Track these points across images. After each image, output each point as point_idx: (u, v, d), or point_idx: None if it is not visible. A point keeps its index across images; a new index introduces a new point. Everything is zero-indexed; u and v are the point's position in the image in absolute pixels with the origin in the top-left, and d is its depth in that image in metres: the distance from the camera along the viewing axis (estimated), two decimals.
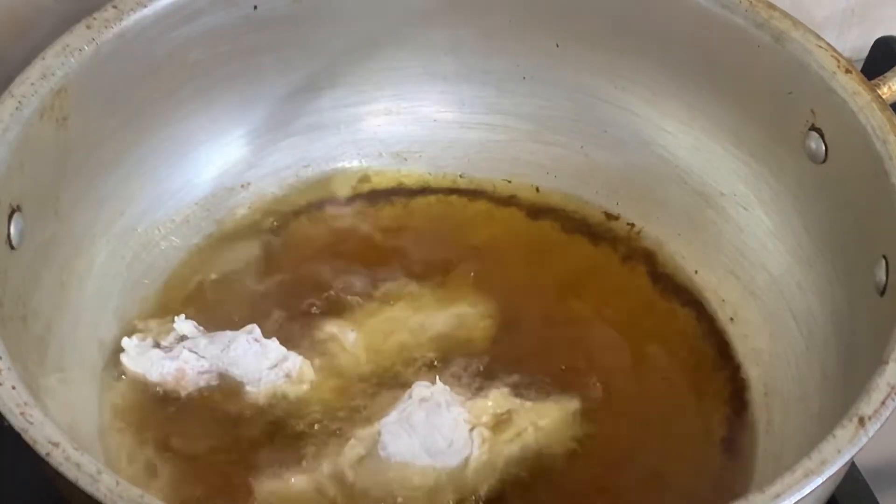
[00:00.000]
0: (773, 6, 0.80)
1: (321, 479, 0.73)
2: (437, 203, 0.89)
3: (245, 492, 0.72)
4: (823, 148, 0.78)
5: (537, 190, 0.90)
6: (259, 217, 0.87)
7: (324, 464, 0.73)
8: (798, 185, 0.81)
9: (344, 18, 0.86)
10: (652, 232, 0.87)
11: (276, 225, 0.87)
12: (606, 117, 0.88)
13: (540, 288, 0.84)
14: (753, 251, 0.84)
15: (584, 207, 0.89)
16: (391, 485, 0.73)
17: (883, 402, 0.63)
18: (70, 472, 0.58)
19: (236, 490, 0.72)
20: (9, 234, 0.69)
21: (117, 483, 0.58)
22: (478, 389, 0.77)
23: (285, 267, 0.84)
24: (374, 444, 0.73)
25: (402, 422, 0.74)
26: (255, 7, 0.82)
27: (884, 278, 0.71)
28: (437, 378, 0.76)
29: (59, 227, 0.75)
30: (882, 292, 0.71)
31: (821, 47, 0.77)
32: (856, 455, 0.62)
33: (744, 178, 0.84)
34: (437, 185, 0.90)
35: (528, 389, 0.78)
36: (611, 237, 0.88)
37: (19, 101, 0.72)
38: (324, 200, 0.88)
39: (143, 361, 0.77)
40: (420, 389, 0.75)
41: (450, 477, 0.73)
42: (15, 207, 0.70)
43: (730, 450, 0.77)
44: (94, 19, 0.76)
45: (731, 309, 0.84)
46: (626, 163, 0.88)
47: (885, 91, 0.77)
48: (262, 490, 0.72)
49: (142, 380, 0.77)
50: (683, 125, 0.86)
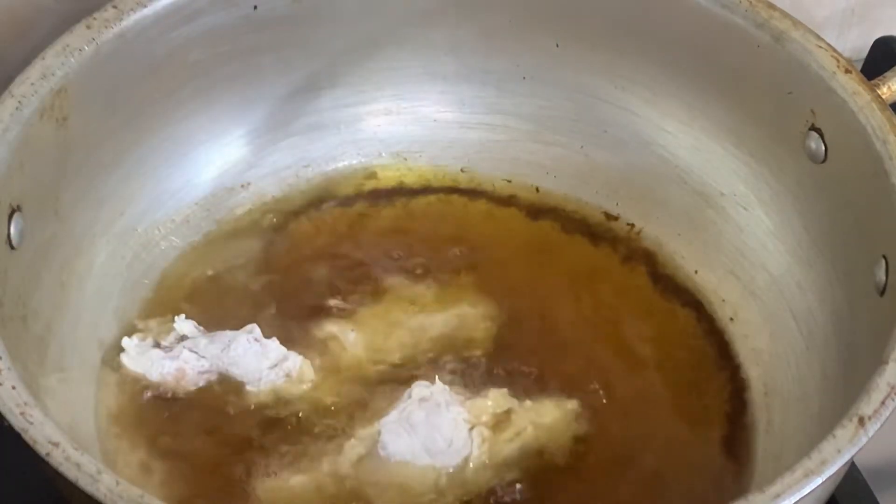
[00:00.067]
0: (773, 6, 0.80)
1: (321, 479, 0.73)
2: (437, 203, 0.89)
3: (245, 491, 0.72)
4: (823, 148, 0.78)
5: (537, 190, 0.90)
6: (259, 217, 0.87)
7: (324, 463, 0.73)
8: (798, 185, 0.81)
9: (344, 18, 0.86)
10: (652, 232, 0.87)
11: (276, 225, 0.87)
12: (606, 117, 0.88)
13: (540, 288, 0.84)
14: (753, 251, 0.84)
15: (584, 207, 0.89)
16: (391, 484, 0.73)
17: (883, 402, 0.63)
18: (70, 472, 0.58)
19: (236, 489, 0.72)
20: (9, 234, 0.69)
21: (117, 483, 0.58)
22: (477, 389, 0.77)
23: (285, 266, 0.84)
24: (374, 444, 0.74)
25: (401, 421, 0.74)
26: (255, 7, 0.82)
27: (884, 278, 0.71)
28: (436, 378, 0.76)
29: (59, 227, 0.75)
30: (882, 292, 0.71)
31: (821, 47, 0.77)
32: (856, 455, 0.62)
33: (744, 178, 0.84)
34: (438, 184, 0.90)
35: (528, 389, 0.78)
36: (611, 237, 0.88)
37: (19, 101, 0.72)
38: (324, 200, 0.88)
39: (144, 361, 0.77)
40: (420, 389, 0.75)
41: (450, 476, 0.73)
42: (15, 207, 0.70)
43: (730, 450, 0.77)
44: (94, 19, 0.76)
45: (731, 309, 0.84)
46: (626, 163, 0.88)
47: (884, 91, 0.77)
48: (263, 490, 0.72)
49: (142, 379, 0.77)
50: (683, 125, 0.86)
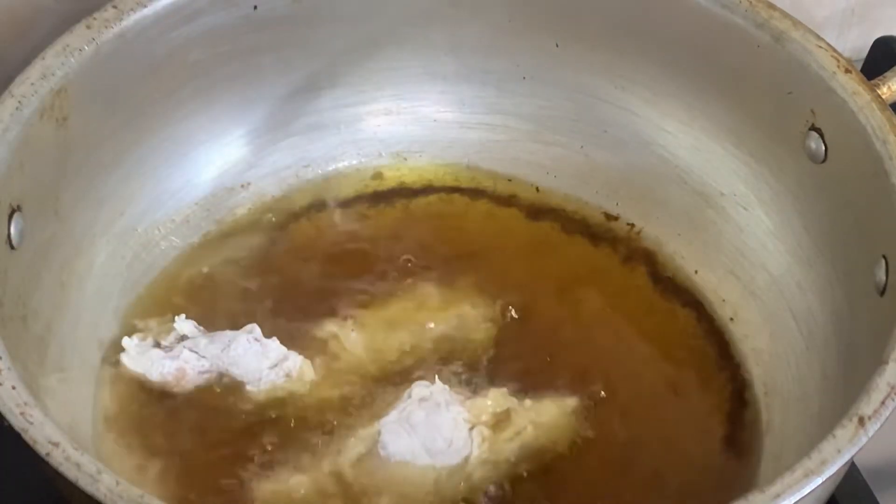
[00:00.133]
0: (773, 6, 0.80)
1: (321, 479, 0.73)
2: (438, 203, 0.89)
3: (246, 491, 0.72)
4: (823, 148, 0.78)
5: (537, 190, 0.90)
6: (259, 217, 0.87)
7: (324, 463, 0.73)
8: (798, 185, 0.81)
9: (344, 18, 0.86)
10: (652, 232, 0.87)
11: (276, 225, 0.87)
12: (606, 117, 0.88)
13: (540, 288, 0.84)
14: (753, 251, 0.84)
15: (584, 208, 0.89)
16: (391, 484, 0.73)
17: (883, 402, 0.63)
18: (70, 472, 0.58)
19: (237, 489, 0.72)
20: (9, 234, 0.69)
21: (117, 483, 0.58)
22: (477, 389, 0.77)
23: (286, 266, 0.84)
24: (375, 444, 0.74)
25: (401, 421, 0.74)
26: (255, 7, 0.82)
27: (884, 278, 0.71)
28: (436, 377, 0.76)
29: (59, 227, 0.75)
30: (882, 292, 0.71)
31: (821, 47, 0.78)
32: (856, 455, 0.62)
33: (744, 178, 0.84)
34: (439, 184, 0.90)
35: (528, 389, 0.78)
36: (611, 237, 0.88)
37: (19, 101, 0.72)
38: (324, 200, 0.88)
39: (144, 361, 0.77)
40: (419, 389, 0.75)
41: (450, 476, 0.73)
42: (15, 207, 0.70)
43: (730, 450, 0.77)
44: (94, 19, 0.76)
45: (731, 309, 0.84)
46: (626, 163, 0.88)
47: (884, 91, 0.78)
48: (263, 489, 0.72)
49: (142, 379, 0.77)
50: (683, 125, 0.86)
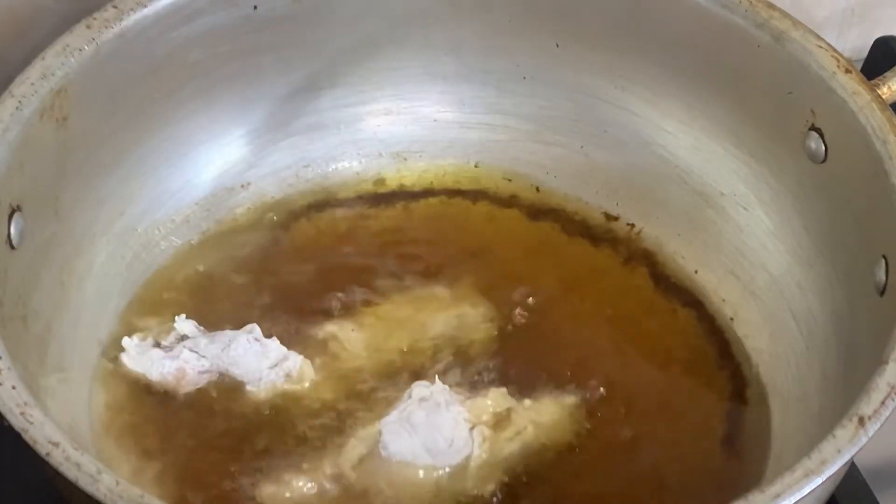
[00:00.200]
0: (773, 6, 0.80)
1: (322, 479, 0.73)
2: (438, 204, 0.89)
3: (246, 491, 0.72)
4: (823, 148, 0.78)
5: (537, 190, 0.90)
6: (259, 217, 0.87)
7: (325, 464, 0.73)
8: (798, 185, 0.81)
9: (344, 18, 0.86)
10: (652, 232, 0.87)
11: (277, 225, 0.87)
12: (606, 117, 0.88)
13: (541, 288, 0.84)
14: (753, 251, 0.84)
15: (585, 208, 0.89)
16: (393, 485, 0.73)
17: (883, 402, 0.63)
18: (70, 472, 0.58)
19: (237, 490, 0.72)
20: (9, 234, 0.69)
21: (117, 483, 0.58)
22: (477, 389, 0.77)
23: (286, 266, 0.84)
24: (375, 444, 0.74)
25: (402, 421, 0.74)
26: (255, 7, 0.82)
27: (884, 278, 0.71)
28: (436, 378, 0.76)
29: (59, 227, 0.75)
30: (882, 292, 0.71)
31: (821, 47, 0.77)
32: (856, 455, 0.62)
33: (744, 178, 0.84)
34: (439, 186, 0.90)
35: (528, 389, 0.78)
36: (611, 238, 0.88)
37: (19, 101, 0.72)
38: (324, 201, 0.88)
39: (144, 361, 0.77)
40: (420, 389, 0.75)
41: (451, 476, 0.73)
42: (15, 207, 0.70)
43: (730, 450, 0.77)
44: (94, 19, 0.76)
45: (731, 309, 0.84)
46: (626, 163, 0.88)
47: (884, 91, 0.77)
48: (263, 490, 0.72)
49: (142, 379, 0.77)
50: (683, 125, 0.86)
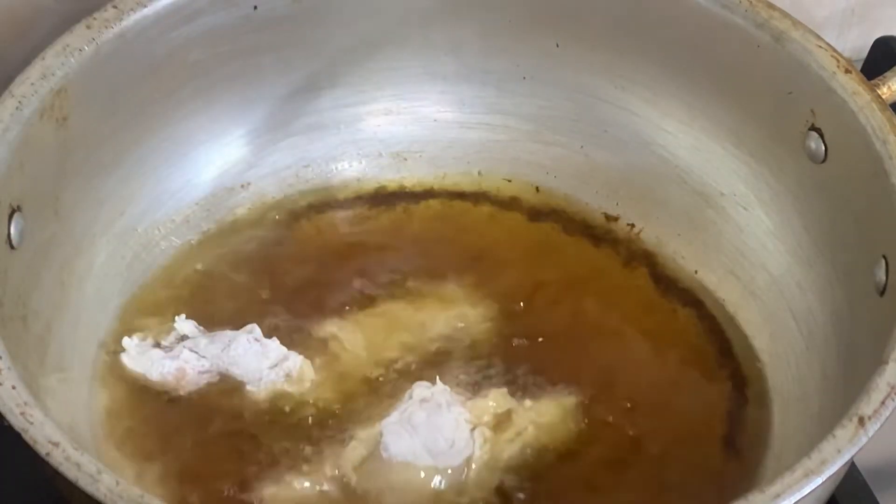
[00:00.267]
0: (773, 6, 0.80)
1: (323, 480, 0.73)
2: (439, 206, 0.89)
3: (246, 492, 0.72)
4: (823, 148, 0.78)
5: (537, 190, 0.90)
6: (259, 217, 0.87)
7: (326, 465, 0.73)
8: (798, 185, 0.81)
9: (344, 18, 0.86)
10: (652, 232, 0.87)
11: (277, 225, 0.87)
12: (606, 117, 0.88)
13: (541, 289, 0.84)
14: (753, 251, 0.84)
15: (585, 208, 0.89)
16: (393, 486, 0.73)
17: (883, 402, 0.63)
18: (70, 472, 0.58)
19: (237, 491, 0.72)
20: (9, 234, 0.69)
21: (117, 483, 0.58)
22: (478, 389, 0.77)
23: (286, 266, 0.84)
24: (376, 445, 0.73)
25: (403, 422, 0.74)
26: (255, 7, 0.82)
27: (884, 278, 0.71)
28: (437, 378, 0.76)
29: (59, 227, 0.75)
30: (882, 292, 0.71)
31: (821, 47, 0.77)
32: (856, 455, 0.62)
33: (744, 178, 0.84)
34: (440, 187, 0.90)
35: (529, 389, 0.78)
36: (611, 238, 0.87)
37: (19, 101, 0.72)
38: (325, 201, 0.88)
39: (144, 361, 0.77)
40: (420, 390, 0.75)
41: (452, 477, 0.73)
42: (15, 207, 0.70)
43: (730, 449, 0.77)
44: (94, 19, 0.76)
45: (732, 309, 0.83)
46: (626, 163, 0.88)
47: (884, 91, 0.77)
48: (264, 491, 0.72)
49: (142, 379, 0.77)
50: (683, 125, 0.86)
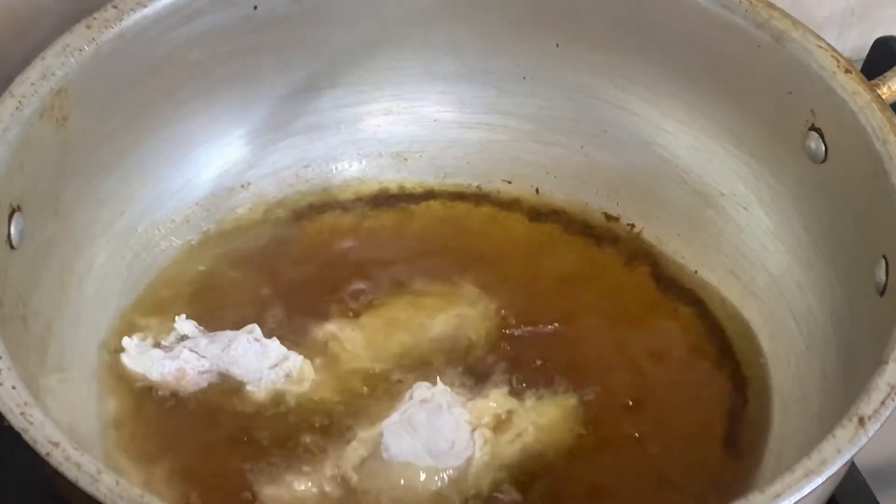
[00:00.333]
0: (773, 6, 0.80)
1: (323, 481, 0.73)
2: (439, 207, 0.89)
3: (246, 492, 0.72)
4: (823, 148, 0.78)
5: (537, 191, 0.90)
6: (259, 217, 0.87)
7: (326, 465, 0.73)
8: (798, 185, 0.81)
9: (344, 18, 0.86)
10: (652, 232, 0.87)
11: (277, 225, 0.87)
12: (606, 117, 0.88)
13: (541, 288, 0.84)
14: (753, 251, 0.84)
15: (585, 208, 0.89)
16: (394, 486, 0.73)
17: (883, 402, 0.63)
18: (70, 472, 0.58)
19: (237, 491, 0.72)
20: (9, 234, 0.69)
21: (117, 483, 0.58)
22: (478, 390, 0.77)
23: (286, 266, 0.84)
24: (377, 446, 0.73)
25: (403, 423, 0.74)
26: (255, 7, 0.82)
27: (884, 278, 0.71)
28: (437, 379, 0.76)
29: (59, 227, 0.75)
30: (882, 292, 0.71)
31: (821, 47, 0.78)
32: (856, 455, 0.62)
33: (744, 178, 0.84)
34: (440, 188, 0.90)
35: (529, 390, 0.78)
36: (612, 238, 0.88)
37: (19, 101, 0.72)
38: (325, 201, 0.88)
39: (144, 361, 0.77)
40: (421, 390, 0.75)
41: (452, 478, 0.73)
42: (15, 207, 0.70)
43: (730, 449, 0.77)
44: (94, 19, 0.76)
45: (732, 309, 0.83)
46: (626, 163, 0.88)
47: (884, 91, 0.78)
48: (264, 491, 0.72)
49: (142, 379, 0.77)
50: (683, 125, 0.86)
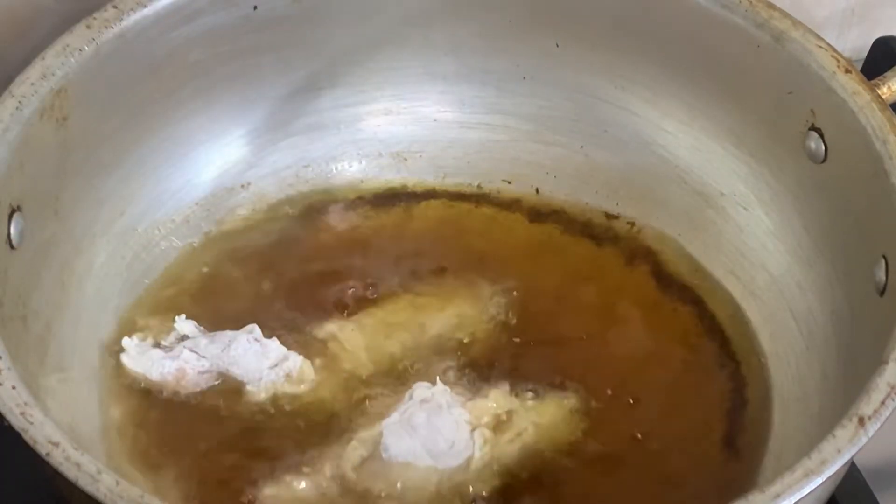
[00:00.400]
0: (773, 6, 0.80)
1: (323, 481, 0.73)
2: (439, 206, 0.89)
3: (246, 492, 0.72)
4: (823, 148, 0.78)
5: (537, 191, 0.90)
6: (259, 217, 0.87)
7: (326, 465, 0.73)
8: (798, 185, 0.81)
9: (344, 18, 0.86)
10: (652, 232, 0.87)
11: (277, 224, 0.87)
12: (606, 117, 0.88)
13: (541, 288, 0.84)
14: (753, 251, 0.84)
15: (585, 208, 0.89)
16: (394, 486, 0.73)
17: (883, 402, 0.63)
18: (70, 472, 0.58)
19: (237, 491, 0.72)
20: (9, 234, 0.69)
21: (117, 483, 0.58)
22: (478, 390, 0.77)
23: (286, 266, 0.84)
24: (376, 446, 0.73)
25: (403, 423, 0.74)
26: (255, 7, 0.82)
27: (884, 278, 0.71)
28: (437, 379, 0.76)
29: (59, 227, 0.75)
30: (882, 292, 0.71)
31: (821, 47, 0.78)
32: (856, 455, 0.62)
33: (744, 178, 0.84)
34: (440, 188, 0.90)
35: (529, 389, 0.78)
36: (612, 237, 0.87)
37: (19, 101, 0.72)
38: (325, 201, 0.88)
39: (144, 361, 0.77)
40: (421, 390, 0.75)
41: (452, 478, 0.73)
42: (15, 207, 0.70)
43: (729, 450, 0.77)
44: (94, 19, 0.76)
45: (732, 308, 0.83)
46: (626, 163, 0.88)
47: (884, 91, 0.77)
48: (264, 492, 0.72)
49: (142, 380, 0.77)
50: (683, 125, 0.86)
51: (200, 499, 0.72)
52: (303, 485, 0.72)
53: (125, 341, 0.78)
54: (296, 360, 0.78)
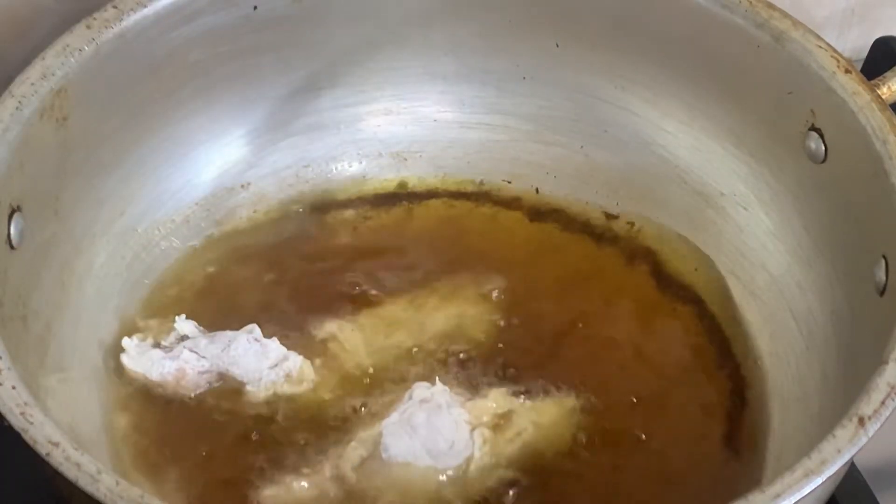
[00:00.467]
0: (773, 6, 0.80)
1: (323, 481, 0.73)
2: (440, 206, 0.89)
3: (246, 492, 0.72)
4: (823, 148, 0.78)
5: (537, 191, 0.90)
6: (259, 217, 0.87)
7: (325, 465, 0.73)
8: (798, 185, 0.81)
9: (344, 18, 0.86)
10: (652, 232, 0.87)
11: (277, 225, 0.87)
12: (606, 117, 0.88)
13: (541, 288, 0.84)
14: (753, 251, 0.84)
15: (585, 208, 0.89)
16: (393, 486, 0.73)
17: (883, 402, 0.63)
18: (70, 472, 0.58)
19: (236, 491, 0.72)
20: (9, 234, 0.69)
21: (117, 483, 0.58)
22: (478, 389, 0.77)
23: (286, 266, 0.84)
24: (376, 446, 0.73)
25: (403, 423, 0.74)
26: (255, 7, 0.82)
27: (884, 278, 0.71)
28: (437, 379, 0.76)
29: (59, 227, 0.75)
30: (882, 292, 0.71)
31: (821, 47, 0.77)
32: (856, 455, 0.62)
33: (744, 178, 0.84)
34: (441, 188, 0.90)
35: (529, 389, 0.78)
36: (612, 237, 0.88)
37: (19, 101, 0.72)
38: (325, 201, 0.88)
39: (144, 361, 0.77)
40: (420, 390, 0.75)
41: (451, 478, 0.73)
42: (15, 207, 0.70)
43: (730, 449, 0.77)
44: (94, 19, 0.76)
45: (732, 308, 0.83)
46: (626, 163, 0.88)
47: (884, 91, 0.77)
48: (264, 492, 0.72)
49: (142, 380, 0.77)
50: (683, 125, 0.86)
51: (200, 499, 0.72)
52: (303, 485, 0.72)
53: (125, 341, 0.78)
54: (296, 360, 0.78)
